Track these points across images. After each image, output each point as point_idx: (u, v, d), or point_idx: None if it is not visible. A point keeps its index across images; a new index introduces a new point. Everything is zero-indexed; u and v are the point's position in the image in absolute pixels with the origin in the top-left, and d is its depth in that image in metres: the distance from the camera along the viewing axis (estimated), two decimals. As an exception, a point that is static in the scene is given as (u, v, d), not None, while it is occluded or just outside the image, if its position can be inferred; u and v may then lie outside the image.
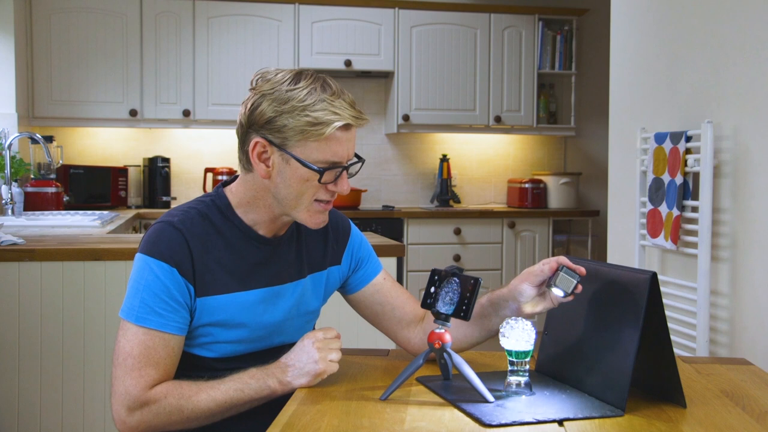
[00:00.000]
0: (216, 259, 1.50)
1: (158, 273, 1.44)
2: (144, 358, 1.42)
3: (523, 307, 1.54)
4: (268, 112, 1.45)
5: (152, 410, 1.41)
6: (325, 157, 1.45)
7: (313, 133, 1.43)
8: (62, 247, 2.63)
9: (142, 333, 1.43)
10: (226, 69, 5.09)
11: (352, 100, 1.48)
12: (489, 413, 1.29)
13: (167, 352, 1.44)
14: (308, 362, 1.44)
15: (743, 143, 2.62)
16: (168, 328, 1.44)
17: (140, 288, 1.45)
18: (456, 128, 5.49)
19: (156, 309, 1.44)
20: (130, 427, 1.42)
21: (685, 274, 2.94)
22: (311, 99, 1.43)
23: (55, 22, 4.87)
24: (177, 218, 1.50)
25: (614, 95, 3.54)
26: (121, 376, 1.42)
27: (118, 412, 1.42)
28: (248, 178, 1.54)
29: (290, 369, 1.44)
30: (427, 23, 5.35)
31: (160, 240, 1.47)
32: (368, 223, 4.99)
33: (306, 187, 1.47)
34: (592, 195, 5.83)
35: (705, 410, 1.36)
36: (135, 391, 1.41)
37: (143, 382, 1.41)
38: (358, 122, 1.47)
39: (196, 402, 1.41)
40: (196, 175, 5.35)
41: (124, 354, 1.43)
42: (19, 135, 4.12)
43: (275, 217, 1.55)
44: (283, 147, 1.45)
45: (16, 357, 2.56)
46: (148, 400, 1.41)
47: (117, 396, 1.42)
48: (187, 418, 1.41)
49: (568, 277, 1.46)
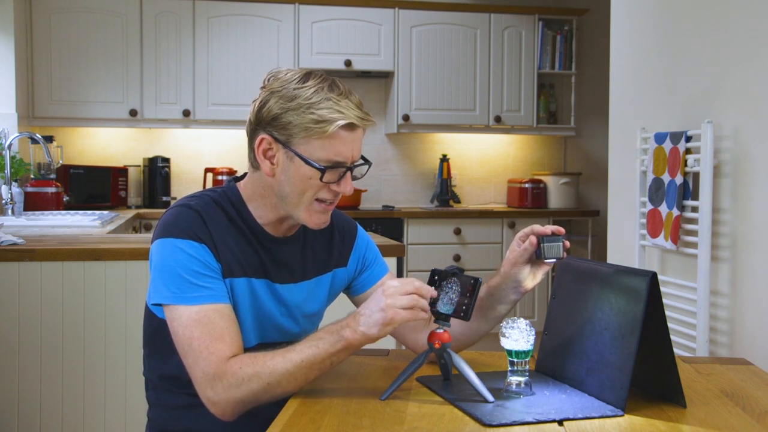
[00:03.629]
0: (228, 244, 1.50)
1: (189, 251, 1.44)
2: (206, 335, 1.40)
3: (523, 285, 1.58)
4: (275, 109, 1.46)
5: (231, 382, 1.38)
6: (329, 156, 1.45)
7: (317, 131, 1.44)
8: (62, 247, 2.63)
9: (195, 312, 1.42)
10: (226, 69, 5.09)
11: (360, 102, 1.49)
12: (489, 413, 1.29)
13: (226, 322, 1.43)
14: (376, 310, 1.38)
15: (743, 143, 2.62)
16: (218, 299, 1.44)
17: (176, 268, 1.43)
18: (456, 128, 5.49)
19: (200, 284, 1.43)
20: (220, 406, 1.39)
21: (685, 274, 2.93)
22: (317, 97, 1.44)
23: (55, 22, 4.87)
24: (194, 201, 1.51)
25: (614, 95, 3.54)
26: (193, 362, 1.41)
27: (205, 395, 1.40)
28: (255, 176, 1.55)
29: (362, 317, 1.39)
30: (427, 23, 5.35)
31: (180, 221, 1.47)
32: (368, 223, 4.98)
33: (308, 185, 1.47)
34: (592, 195, 5.83)
35: (705, 410, 1.36)
36: (211, 369, 1.39)
37: (215, 358, 1.39)
38: (363, 123, 1.47)
39: (273, 366, 1.38)
40: (196, 175, 5.35)
41: (187, 339, 1.41)
42: (19, 135, 4.12)
43: (281, 218, 1.55)
44: (288, 144, 1.46)
45: (16, 357, 2.56)
46: (225, 373, 1.38)
47: (198, 382, 1.41)
48: (267, 383, 1.38)
49: (553, 244, 1.51)
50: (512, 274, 1.57)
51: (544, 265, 1.58)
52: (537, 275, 1.59)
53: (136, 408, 2.56)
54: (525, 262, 1.57)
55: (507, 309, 1.62)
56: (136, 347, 1.68)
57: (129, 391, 2.60)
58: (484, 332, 1.66)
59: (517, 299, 1.61)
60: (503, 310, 1.62)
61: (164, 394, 1.59)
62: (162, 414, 1.60)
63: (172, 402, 1.58)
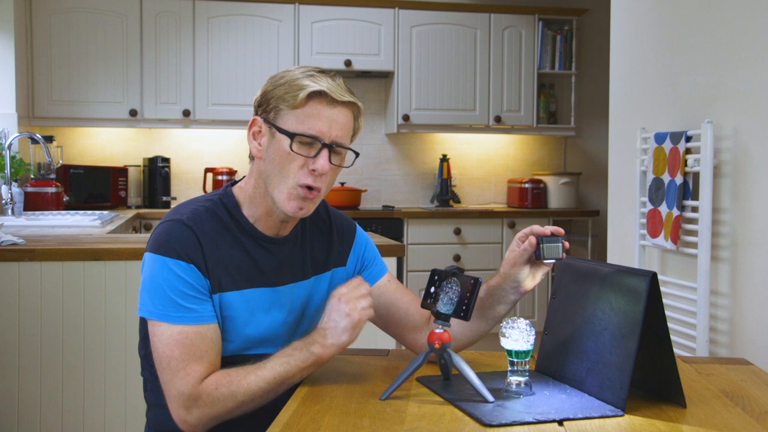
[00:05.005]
0: (225, 256, 1.50)
1: (177, 271, 1.44)
2: (186, 355, 1.42)
3: (523, 286, 1.58)
4: (265, 89, 1.51)
5: (207, 403, 1.40)
6: (302, 129, 1.46)
7: (290, 100, 1.46)
8: (62, 247, 2.63)
9: (177, 332, 1.43)
10: (226, 69, 5.09)
11: (343, 84, 1.50)
12: (489, 413, 1.29)
13: (207, 344, 1.44)
14: (340, 318, 1.43)
15: (743, 143, 2.62)
16: (201, 320, 1.45)
17: (163, 287, 1.44)
18: (456, 128, 5.49)
19: (185, 305, 1.44)
20: (192, 425, 1.42)
21: (685, 274, 2.93)
22: (301, 75, 1.48)
23: (55, 22, 4.87)
24: (186, 216, 1.49)
25: (614, 95, 3.54)
26: (169, 380, 1.43)
27: (178, 414, 1.42)
28: (252, 167, 1.57)
29: (328, 331, 1.44)
30: (427, 23, 5.35)
31: (171, 239, 1.46)
32: (368, 223, 4.99)
33: (286, 159, 1.47)
34: (592, 195, 5.83)
35: (705, 410, 1.36)
36: (186, 390, 1.41)
37: (191, 380, 1.41)
38: (335, 94, 1.47)
39: (247, 385, 1.41)
40: (196, 175, 5.35)
41: (166, 357, 1.43)
42: (19, 135, 4.12)
43: (269, 211, 1.54)
44: (269, 120, 1.49)
45: (16, 357, 2.56)
46: (200, 395, 1.40)
47: (172, 400, 1.43)
48: (242, 402, 1.41)
49: (552, 245, 1.51)
50: (512, 274, 1.57)
51: (543, 265, 1.58)
52: (536, 276, 1.59)
53: (135, 408, 2.56)
54: (524, 263, 1.57)
55: (507, 309, 1.62)
56: (135, 347, 1.68)
57: (129, 391, 2.60)
58: (484, 332, 1.66)
59: (516, 299, 1.62)
60: (503, 310, 1.62)
61: (162, 394, 1.59)
62: (160, 414, 1.60)
63: (170, 402, 1.58)
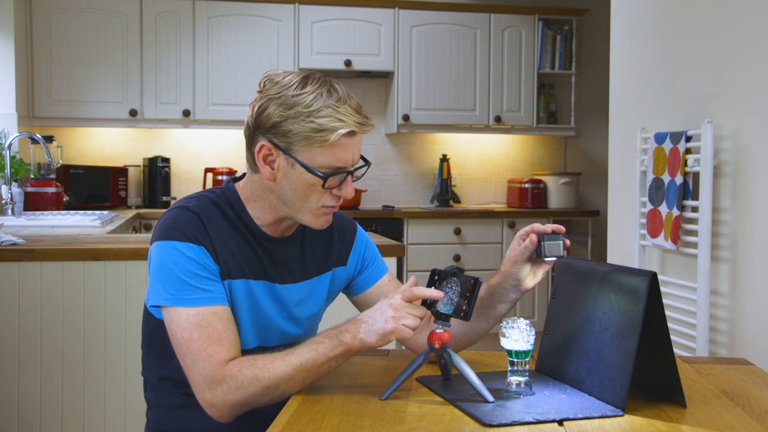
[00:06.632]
0: (227, 246, 1.50)
1: (188, 253, 1.44)
2: (205, 338, 1.41)
3: (524, 284, 1.58)
4: (274, 117, 1.45)
5: (231, 386, 1.38)
6: (330, 163, 1.46)
7: (318, 140, 1.44)
8: (62, 247, 2.63)
9: (194, 314, 1.42)
10: (226, 69, 5.09)
11: (358, 105, 1.48)
12: (489, 413, 1.29)
13: (225, 325, 1.43)
14: (380, 320, 1.39)
15: (743, 143, 2.62)
16: (216, 301, 1.44)
17: (174, 271, 1.43)
18: (456, 128, 5.49)
19: (198, 286, 1.43)
20: (214, 405, 1.40)
21: (685, 274, 2.93)
22: (317, 105, 1.44)
23: (55, 22, 4.87)
24: (192, 203, 1.50)
25: (614, 95, 3.54)
26: (191, 364, 1.41)
27: (203, 397, 1.41)
28: (255, 178, 1.55)
29: (363, 324, 1.40)
30: (427, 23, 5.35)
31: (179, 223, 1.47)
32: (368, 223, 4.98)
33: (311, 191, 1.48)
34: (592, 195, 5.83)
35: (705, 410, 1.36)
36: (210, 372, 1.39)
37: (213, 362, 1.39)
38: (363, 128, 1.47)
39: (272, 369, 1.38)
40: (196, 175, 5.35)
41: (185, 342, 1.41)
42: (19, 135, 4.12)
43: (280, 219, 1.55)
44: (288, 151, 1.46)
45: (16, 357, 2.56)
46: (224, 377, 1.39)
47: (196, 384, 1.41)
48: (266, 387, 1.38)
49: (553, 243, 1.51)
50: (512, 272, 1.58)
51: (544, 263, 1.58)
52: (537, 274, 1.59)
53: (136, 408, 2.56)
54: (525, 261, 1.57)
55: (507, 308, 1.62)
56: (135, 347, 1.68)
57: (129, 391, 2.60)
58: (484, 332, 1.66)
59: (517, 298, 1.62)
60: (503, 309, 1.62)
61: (162, 394, 1.59)
62: (160, 414, 1.60)
63: (171, 402, 1.58)
